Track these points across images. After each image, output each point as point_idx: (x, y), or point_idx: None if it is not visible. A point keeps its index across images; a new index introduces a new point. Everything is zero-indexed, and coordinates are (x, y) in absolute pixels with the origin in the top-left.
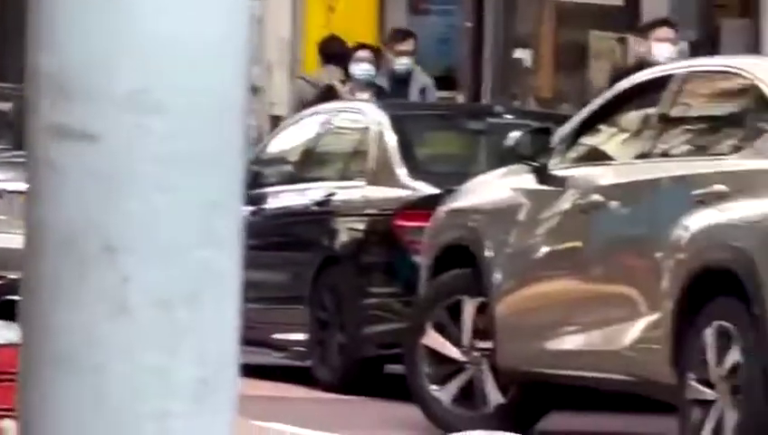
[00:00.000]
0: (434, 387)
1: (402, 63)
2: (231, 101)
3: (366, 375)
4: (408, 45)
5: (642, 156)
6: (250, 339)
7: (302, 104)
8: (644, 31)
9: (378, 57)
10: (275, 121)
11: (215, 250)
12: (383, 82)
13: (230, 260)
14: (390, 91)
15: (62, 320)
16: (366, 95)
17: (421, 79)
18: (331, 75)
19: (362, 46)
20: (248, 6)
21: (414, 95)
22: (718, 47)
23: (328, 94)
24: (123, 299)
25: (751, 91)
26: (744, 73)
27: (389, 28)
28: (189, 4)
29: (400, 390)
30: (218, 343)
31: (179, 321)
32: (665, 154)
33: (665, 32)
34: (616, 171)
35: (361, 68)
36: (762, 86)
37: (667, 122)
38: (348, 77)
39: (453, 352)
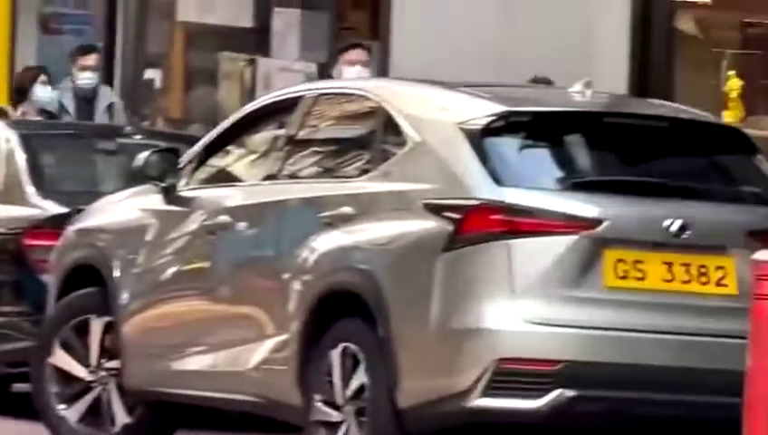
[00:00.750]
0: (61, 406)
1: (86, 78)
2: None
3: None
4: (91, 60)
5: (270, 177)
6: None
7: None
8: (336, 53)
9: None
10: None
11: None
12: (69, 100)
13: None
14: (76, 111)
15: None
16: (40, 118)
17: (108, 96)
18: None
19: (40, 69)
20: None
21: (100, 114)
22: None
23: None
24: None
25: (378, 113)
26: (371, 96)
27: (76, 45)
28: None
29: (28, 409)
30: None
31: None
32: (293, 176)
33: (356, 54)
34: (244, 193)
35: (43, 90)
36: (388, 109)
37: (296, 144)
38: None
39: (80, 371)
